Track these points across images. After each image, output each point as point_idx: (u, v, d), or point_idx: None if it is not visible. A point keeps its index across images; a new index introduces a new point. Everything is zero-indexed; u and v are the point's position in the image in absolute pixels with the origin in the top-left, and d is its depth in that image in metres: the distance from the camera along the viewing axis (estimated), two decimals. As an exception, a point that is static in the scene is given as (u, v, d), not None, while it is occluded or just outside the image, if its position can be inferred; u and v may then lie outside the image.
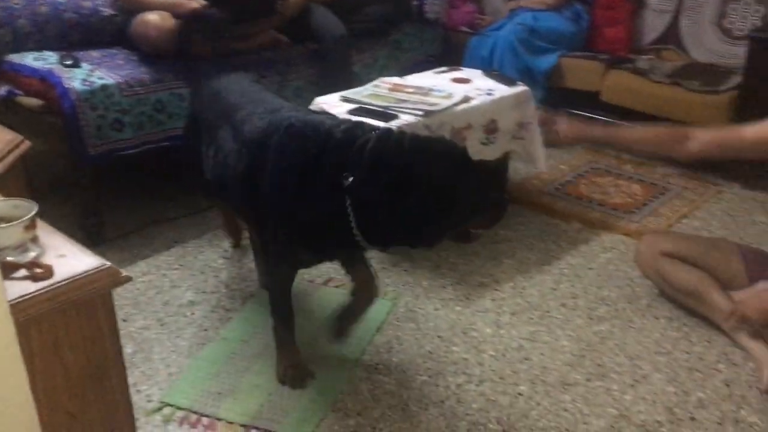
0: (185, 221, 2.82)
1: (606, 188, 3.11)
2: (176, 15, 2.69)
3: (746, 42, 3.09)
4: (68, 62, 2.59)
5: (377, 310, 2.26)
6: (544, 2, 3.67)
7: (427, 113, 2.39)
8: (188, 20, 2.65)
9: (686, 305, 2.24)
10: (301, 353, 1.99)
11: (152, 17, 2.65)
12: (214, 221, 2.81)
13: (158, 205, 2.92)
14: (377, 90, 2.63)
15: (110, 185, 3.05)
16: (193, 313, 2.28)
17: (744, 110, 2.98)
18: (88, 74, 2.55)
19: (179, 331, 2.19)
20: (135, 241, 2.67)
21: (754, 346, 2.04)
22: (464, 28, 3.89)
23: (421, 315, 2.26)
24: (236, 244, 2.63)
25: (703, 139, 2.04)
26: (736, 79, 3.17)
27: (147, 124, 2.63)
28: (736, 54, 3.26)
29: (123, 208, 2.89)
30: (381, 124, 2.12)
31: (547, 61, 3.49)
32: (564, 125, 2.16)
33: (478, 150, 2.54)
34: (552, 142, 2.14)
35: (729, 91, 3.14)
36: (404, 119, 2.34)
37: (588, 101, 3.46)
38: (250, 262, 2.53)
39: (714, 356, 2.09)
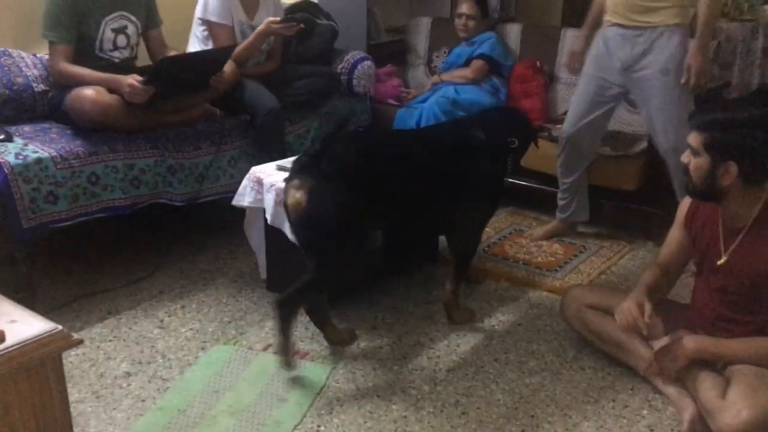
0: (119, 292, 2.80)
1: (529, 248, 3.27)
2: (111, 90, 2.75)
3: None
4: (0, 137, 2.60)
5: (317, 374, 2.30)
6: (464, 76, 3.90)
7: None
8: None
9: (610, 354, 2.36)
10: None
11: (88, 92, 2.69)
12: (147, 291, 2.80)
13: (91, 277, 2.90)
14: (311, 159, 2.73)
15: (44, 256, 3.01)
16: (129, 385, 2.25)
17: (652, 169, 3.24)
18: (22, 148, 2.55)
19: (115, 403, 2.16)
20: (67, 315, 2.62)
21: (674, 391, 2.14)
22: (391, 101, 4.07)
23: (360, 376, 2.31)
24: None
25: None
26: (642, 144, 3.41)
27: (81, 197, 2.63)
28: (639, 121, 3.51)
29: (56, 281, 2.85)
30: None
31: (469, 131, 3.67)
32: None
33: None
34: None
35: (638, 155, 3.39)
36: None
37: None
38: (187, 331, 2.54)
39: (638, 403, 2.21)
